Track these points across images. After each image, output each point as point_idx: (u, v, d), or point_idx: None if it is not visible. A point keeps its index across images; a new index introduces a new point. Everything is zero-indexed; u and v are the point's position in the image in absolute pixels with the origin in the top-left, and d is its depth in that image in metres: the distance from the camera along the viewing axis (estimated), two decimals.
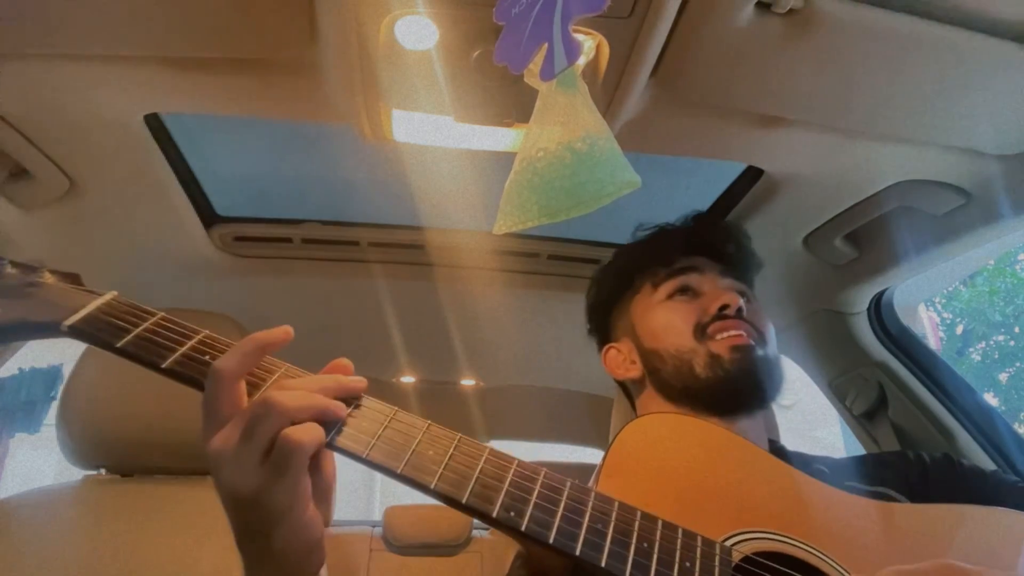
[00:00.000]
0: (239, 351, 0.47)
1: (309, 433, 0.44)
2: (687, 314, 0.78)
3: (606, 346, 0.88)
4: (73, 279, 0.57)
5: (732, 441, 0.63)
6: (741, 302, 0.76)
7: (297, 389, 0.46)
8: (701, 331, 0.75)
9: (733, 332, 0.74)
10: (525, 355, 1.79)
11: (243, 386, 0.48)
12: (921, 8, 0.61)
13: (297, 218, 1.27)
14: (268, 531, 0.45)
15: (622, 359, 0.85)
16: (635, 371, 0.82)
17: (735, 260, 0.86)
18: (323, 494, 0.49)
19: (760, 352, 0.73)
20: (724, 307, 0.76)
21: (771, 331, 0.79)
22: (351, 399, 0.49)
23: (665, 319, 0.79)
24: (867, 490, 0.68)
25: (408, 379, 2.07)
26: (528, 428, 2.41)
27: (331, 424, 0.47)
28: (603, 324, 0.92)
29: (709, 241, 0.86)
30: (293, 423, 0.44)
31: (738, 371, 0.72)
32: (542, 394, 2.10)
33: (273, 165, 1.22)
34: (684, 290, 0.80)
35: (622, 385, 0.91)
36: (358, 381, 0.50)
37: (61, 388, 1.03)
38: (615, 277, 0.90)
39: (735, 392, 0.72)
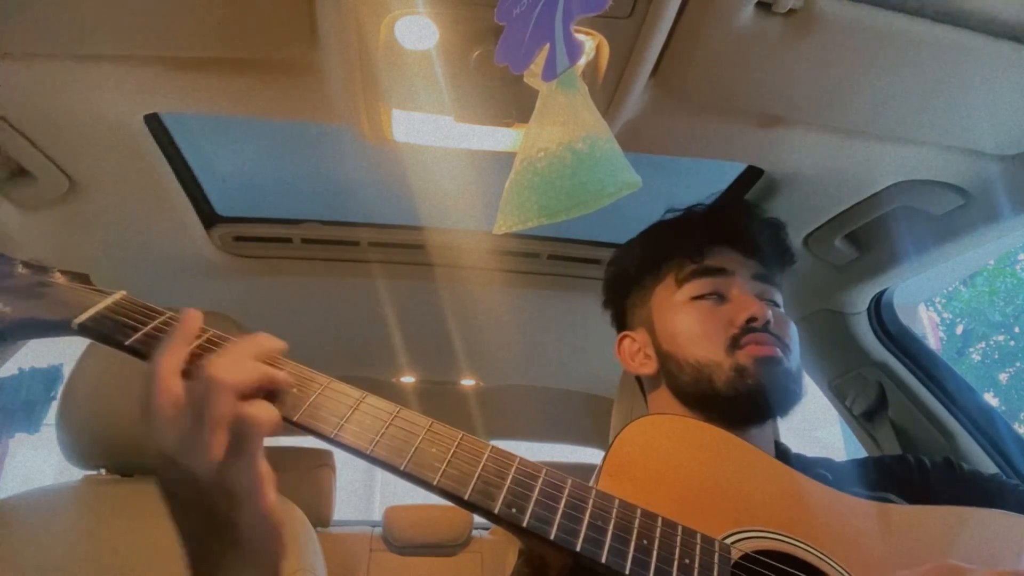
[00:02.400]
0: (171, 345, 0.47)
1: (266, 411, 0.45)
2: (712, 323, 0.74)
3: (621, 334, 0.85)
4: (82, 279, 0.58)
5: (732, 442, 0.63)
6: (769, 314, 0.73)
7: (229, 363, 0.46)
8: (732, 344, 0.72)
9: (759, 344, 0.71)
10: (525, 355, 1.79)
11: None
12: (921, 8, 0.62)
13: (297, 218, 1.27)
14: (235, 516, 0.45)
15: (636, 350, 0.82)
16: (649, 367, 0.80)
17: (768, 258, 0.81)
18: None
19: (784, 365, 0.72)
20: (752, 319, 0.72)
21: (795, 338, 0.76)
22: (275, 361, 0.50)
23: (688, 326, 0.76)
24: (868, 495, 0.68)
25: (408, 379, 2.08)
26: (528, 428, 2.42)
27: (277, 393, 0.48)
28: (620, 305, 0.88)
29: (744, 236, 0.81)
30: (241, 396, 0.45)
31: (758, 385, 0.70)
32: (542, 394, 2.10)
33: (273, 165, 1.22)
34: (710, 294, 0.76)
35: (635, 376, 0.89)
36: (276, 340, 0.50)
37: (61, 388, 1.03)
38: (640, 261, 0.85)
39: (753, 406, 0.71)
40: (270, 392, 0.48)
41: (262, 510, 0.45)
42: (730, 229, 0.81)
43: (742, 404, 0.70)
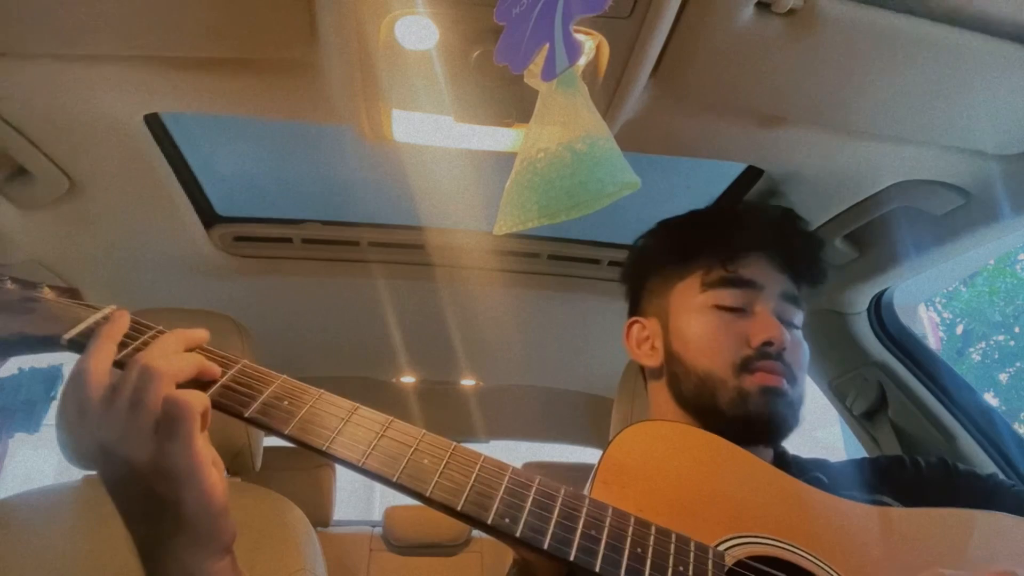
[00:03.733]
0: (99, 347, 0.51)
1: (194, 396, 0.47)
2: (727, 337, 0.72)
3: (631, 319, 0.84)
4: (72, 294, 0.58)
5: (727, 448, 0.63)
6: (787, 339, 0.71)
7: (161, 354, 0.49)
8: (742, 366, 0.71)
9: (768, 373, 0.70)
10: (525, 355, 1.78)
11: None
12: (921, 8, 0.62)
13: (297, 218, 1.27)
14: (177, 497, 0.46)
15: (645, 337, 0.81)
16: (654, 360, 0.79)
17: (802, 275, 0.78)
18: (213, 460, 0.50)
19: (788, 397, 0.71)
20: (768, 343, 0.70)
21: (804, 366, 0.74)
22: (199, 350, 0.53)
23: (703, 334, 0.73)
24: (863, 498, 0.68)
25: (408, 379, 2.08)
26: (528, 428, 2.41)
27: (210, 383, 0.50)
28: (637, 285, 0.86)
29: (784, 248, 0.77)
30: (174, 384, 0.47)
31: (758, 414, 0.69)
32: (542, 394, 2.10)
33: (273, 165, 1.22)
34: (733, 308, 0.74)
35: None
36: (199, 331, 0.53)
37: (61, 388, 1.03)
38: (667, 250, 0.81)
39: (748, 431, 0.70)
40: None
41: (205, 490, 0.46)
42: (771, 237, 0.77)
43: (738, 427, 0.69)
